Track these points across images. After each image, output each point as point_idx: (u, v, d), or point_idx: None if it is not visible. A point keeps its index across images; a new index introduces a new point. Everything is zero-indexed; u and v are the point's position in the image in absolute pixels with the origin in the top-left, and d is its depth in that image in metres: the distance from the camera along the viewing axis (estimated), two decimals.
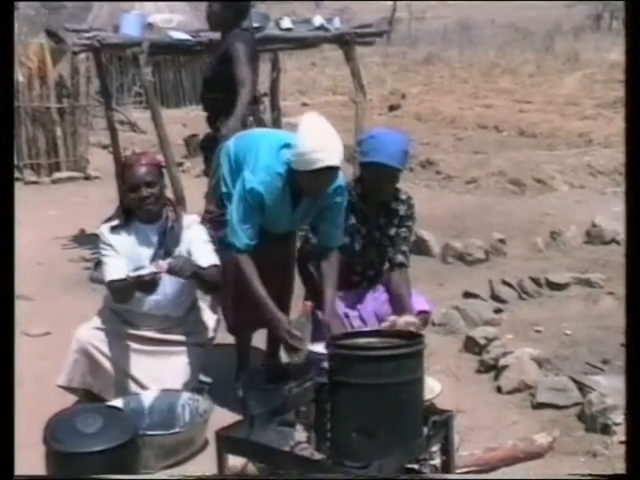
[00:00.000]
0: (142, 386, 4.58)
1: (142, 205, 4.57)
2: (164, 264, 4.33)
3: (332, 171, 4.45)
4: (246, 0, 6.71)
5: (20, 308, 6.54)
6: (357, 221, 4.97)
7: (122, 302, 4.61)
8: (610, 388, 4.67)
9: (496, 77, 24.77)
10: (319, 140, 4.41)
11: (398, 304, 4.91)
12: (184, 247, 4.63)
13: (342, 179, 4.69)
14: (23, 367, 5.21)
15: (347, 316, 4.96)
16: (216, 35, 6.86)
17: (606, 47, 27.41)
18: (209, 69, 6.66)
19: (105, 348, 4.62)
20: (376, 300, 5.08)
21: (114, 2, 21.48)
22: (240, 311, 4.92)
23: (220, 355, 5.19)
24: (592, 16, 46.01)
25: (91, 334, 4.64)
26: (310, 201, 4.70)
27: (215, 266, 4.58)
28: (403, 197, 5.05)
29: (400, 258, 5.01)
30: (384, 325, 4.75)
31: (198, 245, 4.63)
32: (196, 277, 4.48)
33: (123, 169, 4.72)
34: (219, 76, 6.37)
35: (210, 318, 4.94)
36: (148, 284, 4.31)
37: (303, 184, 4.55)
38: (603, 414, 4.41)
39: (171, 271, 4.33)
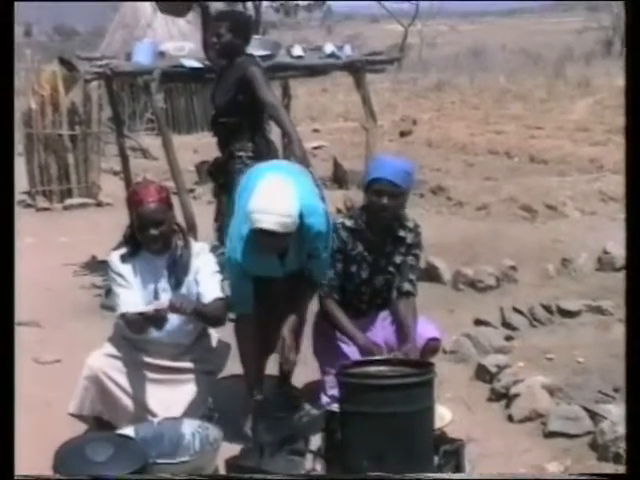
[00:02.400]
0: (152, 414, 4.56)
1: (150, 244, 4.58)
2: (165, 302, 4.35)
3: (269, 235, 4.43)
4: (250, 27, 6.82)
5: (30, 335, 6.59)
6: (364, 249, 4.97)
7: (138, 334, 4.60)
8: (622, 417, 4.64)
9: (507, 103, 24.82)
10: (261, 202, 4.43)
11: (403, 334, 4.89)
12: (192, 275, 4.64)
13: (322, 225, 4.70)
14: (33, 394, 5.24)
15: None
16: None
17: (617, 73, 27.39)
18: (222, 95, 6.67)
19: (116, 376, 4.62)
20: (385, 329, 5.07)
21: (127, 29, 21.67)
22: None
23: (231, 382, 5.18)
24: (603, 42, 46.10)
25: (102, 361, 4.63)
26: (294, 250, 4.73)
27: (219, 299, 4.58)
28: (410, 225, 5.05)
29: (407, 287, 5.00)
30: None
31: (204, 276, 4.63)
32: (197, 314, 4.51)
33: (130, 202, 4.61)
34: (236, 101, 6.44)
35: (220, 345, 4.93)
36: (155, 320, 4.33)
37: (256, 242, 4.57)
38: (615, 443, 4.38)
39: (172, 308, 4.34)
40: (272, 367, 5.26)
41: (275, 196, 4.45)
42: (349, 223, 4.98)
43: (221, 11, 7.64)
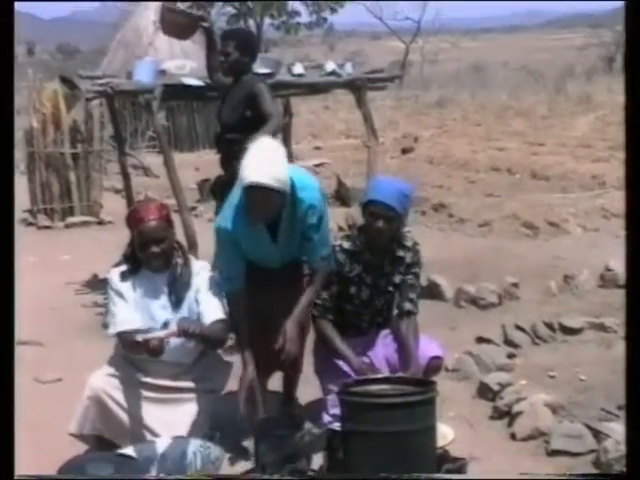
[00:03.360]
0: (153, 434, 4.55)
1: (151, 261, 4.59)
2: (172, 330, 4.36)
3: (262, 191, 4.46)
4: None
5: (32, 354, 6.58)
6: (363, 270, 4.97)
7: (133, 353, 4.60)
8: (625, 435, 4.62)
9: (509, 119, 24.83)
10: (252, 160, 4.52)
11: (405, 355, 4.88)
12: (193, 294, 4.63)
13: (316, 199, 4.73)
14: (34, 413, 5.22)
15: None
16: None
17: (618, 89, 27.39)
18: (229, 112, 6.68)
19: (117, 395, 4.61)
20: (387, 347, 5.05)
21: (128, 48, 21.73)
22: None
23: (232, 401, 5.16)
24: (604, 58, 46.16)
25: (104, 381, 4.62)
26: (286, 225, 4.74)
27: (220, 321, 4.58)
28: (409, 244, 5.03)
29: (408, 306, 4.99)
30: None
31: (206, 296, 4.63)
32: (203, 339, 4.51)
33: (130, 220, 4.62)
34: (243, 118, 6.48)
35: (221, 364, 4.92)
36: (155, 349, 4.32)
37: (246, 206, 4.61)
38: (619, 462, 4.36)
39: (181, 332, 4.34)
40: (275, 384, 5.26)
41: (267, 156, 4.53)
42: (346, 245, 4.97)
43: (228, 29, 7.71)
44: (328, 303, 4.95)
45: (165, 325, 4.52)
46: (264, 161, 4.49)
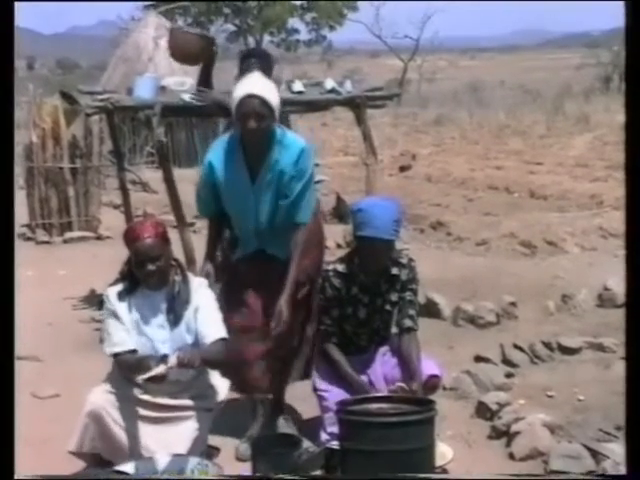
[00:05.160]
0: (151, 452, 4.53)
1: (148, 279, 4.58)
2: (173, 360, 4.36)
3: (256, 102, 4.78)
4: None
5: (29, 369, 6.55)
6: (359, 291, 4.97)
7: (128, 375, 4.60)
8: (624, 456, 4.60)
9: (506, 138, 24.88)
10: (245, 81, 4.95)
11: (407, 369, 4.87)
12: (191, 311, 4.62)
13: (301, 141, 5.05)
14: (31, 430, 5.20)
15: None
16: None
17: (616, 109, 27.46)
18: None
19: (116, 413, 4.58)
20: (385, 364, 5.05)
21: (128, 63, 21.76)
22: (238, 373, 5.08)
23: (230, 416, 5.16)
24: (602, 78, 46.26)
25: (103, 398, 4.59)
26: (268, 169, 4.96)
27: (220, 340, 4.57)
28: (404, 261, 5.03)
29: (408, 323, 4.99)
30: (391, 388, 4.75)
31: (204, 316, 4.61)
32: (204, 363, 4.53)
33: (126, 238, 4.61)
34: None
35: (219, 381, 4.90)
36: (159, 379, 4.34)
37: (241, 130, 4.91)
38: None
39: (181, 365, 4.35)
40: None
41: (260, 79, 4.98)
42: (340, 268, 4.97)
43: (250, 49, 7.74)
44: (331, 328, 4.96)
45: (164, 358, 4.50)
46: (257, 81, 4.92)
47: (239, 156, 4.99)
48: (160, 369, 4.35)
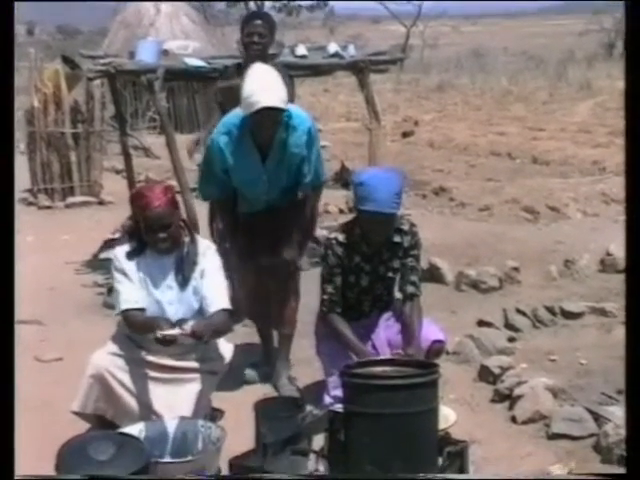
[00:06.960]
0: (155, 413, 4.54)
1: (158, 245, 4.57)
2: (188, 329, 4.37)
3: (272, 112, 4.81)
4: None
5: (32, 333, 6.58)
6: (361, 260, 4.96)
7: (136, 333, 4.60)
8: (625, 419, 4.62)
9: (509, 104, 24.77)
10: (257, 84, 4.81)
11: (407, 335, 4.88)
12: (198, 274, 4.62)
13: (307, 120, 5.14)
14: (34, 392, 5.23)
15: None
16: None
17: (618, 75, 27.31)
18: None
19: (120, 374, 4.60)
20: (389, 329, 5.06)
21: (129, 29, 21.64)
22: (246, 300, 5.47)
23: (233, 380, 5.18)
24: (604, 44, 46.03)
25: (106, 360, 4.61)
26: (278, 150, 5.04)
27: (224, 310, 4.57)
28: (405, 228, 5.00)
29: (411, 289, 4.98)
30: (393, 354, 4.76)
31: (210, 282, 4.62)
32: (215, 336, 4.57)
33: (135, 204, 4.55)
34: None
35: (224, 345, 4.91)
36: (168, 342, 4.33)
37: (252, 128, 4.96)
38: (619, 445, 4.36)
39: (193, 335, 4.36)
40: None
41: (268, 79, 4.89)
42: (341, 238, 4.93)
43: (254, 12, 7.67)
44: (335, 297, 4.94)
45: (179, 322, 4.50)
46: (269, 85, 4.81)
47: (248, 139, 5.06)
48: (175, 331, 4.35)
